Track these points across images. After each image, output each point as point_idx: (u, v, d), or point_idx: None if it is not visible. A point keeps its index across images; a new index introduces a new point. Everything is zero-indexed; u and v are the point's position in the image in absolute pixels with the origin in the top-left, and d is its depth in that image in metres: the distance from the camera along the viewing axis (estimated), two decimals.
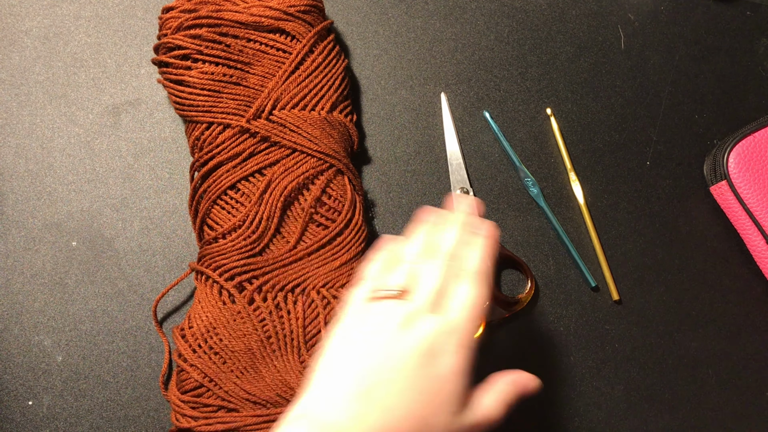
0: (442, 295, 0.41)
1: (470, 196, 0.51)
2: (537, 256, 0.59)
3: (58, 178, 0.58)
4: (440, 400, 0.39)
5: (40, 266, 0.57)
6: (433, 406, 0.39)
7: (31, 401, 0.54)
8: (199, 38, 0.53)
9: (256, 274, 0.52)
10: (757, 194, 0.57)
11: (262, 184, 0.52)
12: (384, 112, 0.61)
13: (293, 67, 0.54)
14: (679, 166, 0.61)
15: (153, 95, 0.60)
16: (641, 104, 0.62)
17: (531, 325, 0.58)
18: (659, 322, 0.58)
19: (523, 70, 0.63)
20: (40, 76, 0.60)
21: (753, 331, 0.58)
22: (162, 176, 0.59)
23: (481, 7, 0.64)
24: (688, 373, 0.57)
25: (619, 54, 0.63)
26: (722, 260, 0.60)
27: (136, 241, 0.57)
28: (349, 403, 0.38)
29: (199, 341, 0.51)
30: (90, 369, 0.55)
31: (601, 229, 0.60)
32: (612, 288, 0.58)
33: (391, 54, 0.62)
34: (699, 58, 0.64)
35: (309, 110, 0.54)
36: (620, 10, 0.64)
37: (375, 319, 0.41)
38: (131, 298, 0.56)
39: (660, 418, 0.56)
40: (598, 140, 0.61)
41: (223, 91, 0.53)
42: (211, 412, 0.50)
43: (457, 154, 0.60)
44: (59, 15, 0.61)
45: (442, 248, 0.44)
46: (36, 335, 0.56)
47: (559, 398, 0.56)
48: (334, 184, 0.54)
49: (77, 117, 0.60)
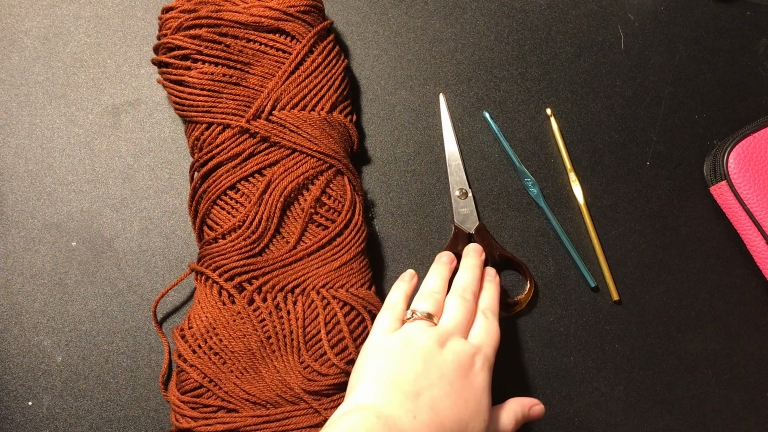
0: (465, 322, 0.48)
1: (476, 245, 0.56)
2: (537, 256, 0.59)
3: (58, 178, 0.58)
4: (477, 408, 0.44)
5: (40, 266, 0.57)
6: (471, 412, 0.44)
7: (31, 401, 0.54)
8: (199, 38, 0.53)
9: (256, 275, 0.52)
10: (757, 194, 0.57)
11: (261, 185, 0.52)
12: (384, 112, 0.61)
13: (293, 67, 0.54)
14: (679, 166, 0.61)
15: (153, 95, 0.60)
16: (641, 104, 0.62)
17: (531, 325, 0.58)
18: (659, 322, 0.58)
19: (523, 70, 0.63)
20: (40, 76, 0.60)
21: (753, 331, 0.58)
22: (162, 176, 0.59)
23: (481, 7, 0.64)
24: (688, 373, 0.57)
25: (619, 54, 0.63)
26: (722, 260, 0.60)
27: (136, 241, 0.57)
28: (403, 401, 0.42)
29: (199, 342, 0.51)
30: (90, 369, 0.55)
31: (601, 229, 0.60)
32: (612, 288, 0.58)
33: (391, 54, 0.62)
34: (699, 58, 0.64)
35: (309, 110, 0.54)
36: (620, 10, 0.64)
37: (413, 334, 0.46)
38: (131, 298, 0.56)
39: (660, 418, 0.56)
40: (598, 140, 0.61)
41: (222, 91, 0.53)
42: (210, 413, 0.50)
43: (456, 155, 0.60)
44: (59, 15, 0.61)
45: (458, 285, 0.51)
46: (36, 335, 0.56)
47: (559, 398, 0.56)
48: (333, 184, 0.54)
49: (77, 117, 0.60)
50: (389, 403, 0.42)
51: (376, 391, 0.43)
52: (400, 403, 0.42)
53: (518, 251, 0.59)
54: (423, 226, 0.59)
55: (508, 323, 0.57)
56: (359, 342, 0.52)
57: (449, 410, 0.43)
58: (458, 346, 0.46)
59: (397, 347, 0.45)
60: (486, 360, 0.46)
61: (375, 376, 0.44)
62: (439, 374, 0.44)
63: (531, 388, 0.56)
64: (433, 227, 0.59)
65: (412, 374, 0.43)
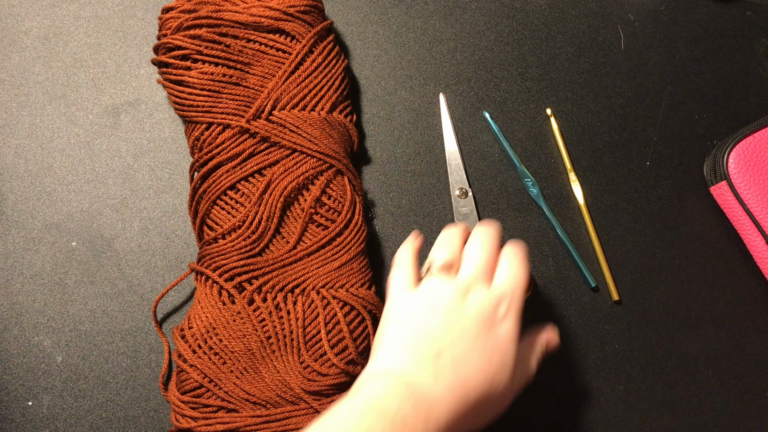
0: (487, 268, 0.46)
1: None
2: (537, 256, 0.59)
3: (58, 178, 0.58)
4: (502, 361, 0.43)
5: (40, 266, 0.57)
6: (496, 367, 0.43)
7: (31, 401, 0.54)
8: (199, 38, 0.53)
9: (256, 275, 0.52)
10: (757, 194, 0.57)
11: (261, 185, 0.52)
12: (384, 112, 0.61)
13: (293, 67, 0.54)
14: (679, 166, 0.61)
15: (153, 95, 0.60)
16: (641, 104, 0.62)
17: (531, 325, 0.58)
18: (659, 322, 0.58)
19: (523, 70, 0.63)
20: (39, 77, 0.60)
21: (753, 331, 0.58)
22: (162, 176, 0.59)
23: (481, 7, 0.64)
24: (688, 373, 0.57)
25: (619, 54, 0.63)
26: (722, 260, 0.60)
27: (136, 241, 0.57)
28: (424, 363, 0.42)
29: (199, 342, 0.51)
30: (90, 369, 0.55)
31: (601, 229, 0.60)
32: (612, 288, 0.58)
33: (391, 54, 0.62)
34: (699, 58, 0.64)
35: (309, 110, 0.54)
36: (620, 10, 0.64)
37: (432, 291, 0.45)
38: (131, 298, 0.56)
39: (660, 418, 0.56)
40: (598, 140, 0.61)
41: (222, 91, 0.53)
42: (210, 413, 0.50)
43: (456, 155, 0.60)
44: (59, 15, 0.61)
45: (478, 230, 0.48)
46: (36, 335, 0.56)
47: (559, 398, 0.56)
48: (333, 184, 0.54)
49: (77, 117, 0.60)
50: (410, 366, 0.42)
51: (397, 355, 0.43)
52: (422, 366, 0.42)
53: None
54: (423, 226, 0.59)
55: None
56: (359, 342, 0.52)
57: (472, 368, 0.42)
58: (480, 296, 0.44)
59: (418, 307, 0.45)
60: (512, 305, 0.45)
61: (396, 338, 0.44)
62: (460, 331, 0.43)
63: (531, 387, 0.56)
64: (433, 227, 0.59)
65: (432, 334, 0.43)
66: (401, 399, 0.40)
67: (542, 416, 0.56)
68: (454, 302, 0.44)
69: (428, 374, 0.41)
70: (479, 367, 0.42)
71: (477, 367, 0.42)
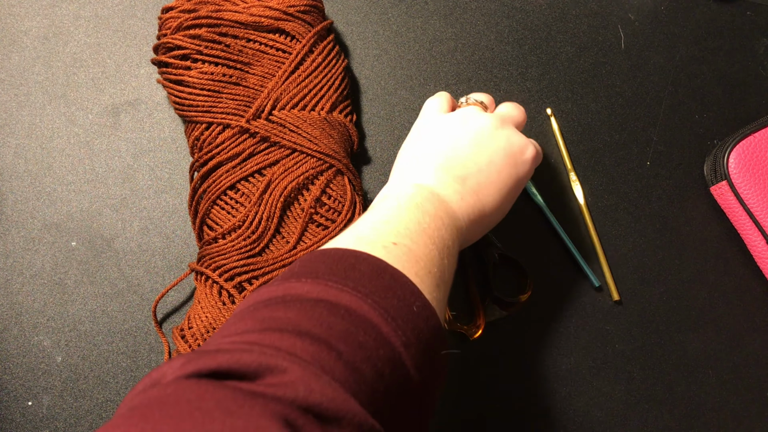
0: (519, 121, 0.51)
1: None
2: (537, 256, 0.59)
3: (58, 178, 0.58)
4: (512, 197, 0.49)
5: (40, 266, 0.57)
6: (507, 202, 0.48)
7: (30, 401, 0.54)
8: (199, 38, 0.53)
9: (256, 275, 0.52)
10: (757, 194, 0.57)
11: (261, 185, 0.52)
12: (384, 112, 0.61)
13: (293, 67, 0.54)
14: (679, 166, 0.61)
15: (153, 95, 0.60)
16: (641, 104, 0.62)
17: (531, 325, 0.58)
18: (659, 322, 0.58)
19: (523, 70, 0.62)
20: (39, 76, 0.60)
21: (753, 331, 0.58)
22: (162, 176, 0.59)
23: (481, 7, 0.64)
24: (688, 373, 0.57)
25: (619, 54, 0.63)
26: (722, 260, 0.60)
27: (136, 241, 0.57)
28: (452, 184, 0.45)
29: (199, 341, 0.50)
30: (90, 369, 0.55)
31: (601, 229, 0.60)
32: (612, 288, 0.58)
33: (391, 54, 0.62)
34: (699, 58, 0.64)
35: (309, 110, 0.54)
36: (620, 10, 0.64)
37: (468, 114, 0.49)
38: (131, 298, 0.56)
39: (660, 418, 0.56)
40: (598, 140, 0.61)
41: (222, 91, 0.53)
42: None
43: None
44: (59, 15, 0.61)
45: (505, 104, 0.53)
46: (36, 335, 0.55)
47: (559, 398, 0.56)
48: (334, 184, 0.54)
49: (77, 117, 0.60)
50: (441, 184, 0.45)
51: (428, 173, 0.46)
52: (450, 185, 0.45)
53: (518, 251, 0.59)
54: None
55: (508, 323, 0.57)
56: None
57: (489, 198, 0.46)
58: (511, 132, 0.48)
59: (452, 126, 0.48)
60: (537, 152, 0.50)
61: (426, 156, 0.47)
62: (487, 161, 0.46)
63: (531, 388, 0.56)
64: None
65: (461, 157, 0.46)
66: (437, 206, 0.43)
67: (542, 416, 0.56)
68: (487, 129, 0.47)
69: (455, 192, 0.45)
70: (498, 196, 0.47)
71: (496, 196, 0.47)
